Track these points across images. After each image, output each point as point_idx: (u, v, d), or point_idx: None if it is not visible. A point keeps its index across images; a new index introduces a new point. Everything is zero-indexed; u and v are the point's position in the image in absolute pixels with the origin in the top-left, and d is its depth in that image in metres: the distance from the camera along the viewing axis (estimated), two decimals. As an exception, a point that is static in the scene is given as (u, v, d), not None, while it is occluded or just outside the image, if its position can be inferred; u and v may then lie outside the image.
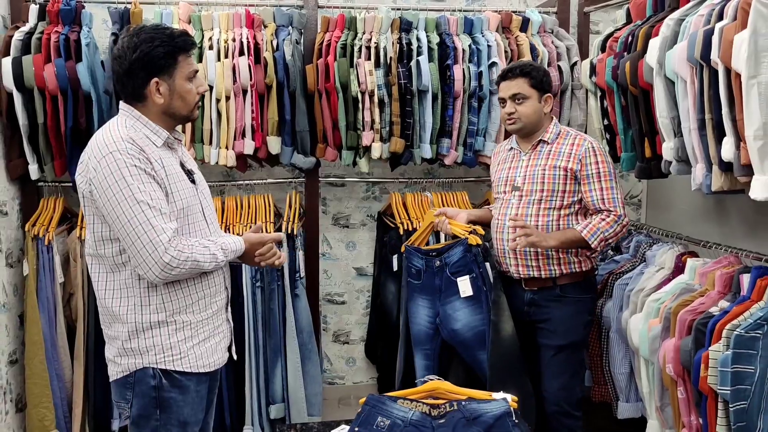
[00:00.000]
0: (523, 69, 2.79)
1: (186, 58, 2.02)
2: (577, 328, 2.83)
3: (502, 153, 3.01)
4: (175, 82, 2.01)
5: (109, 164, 1.89)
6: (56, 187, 3.41)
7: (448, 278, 2.86)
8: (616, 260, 3.14)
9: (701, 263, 2.69)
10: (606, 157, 2.78)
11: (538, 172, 2.78)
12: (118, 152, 1.89)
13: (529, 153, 2.85)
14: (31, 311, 3.20)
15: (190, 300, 2.06)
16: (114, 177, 1.88)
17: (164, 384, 2.00)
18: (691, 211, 3.52)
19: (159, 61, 1.97)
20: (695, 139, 2.43)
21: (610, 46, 3.02)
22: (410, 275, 3.01)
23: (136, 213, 1.87)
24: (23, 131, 3.16)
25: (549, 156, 2.79)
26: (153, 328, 2.00)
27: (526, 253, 2.78)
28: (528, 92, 2.78)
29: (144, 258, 1.89)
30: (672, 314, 2.57)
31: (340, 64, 3.32)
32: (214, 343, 2.14)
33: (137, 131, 1.98)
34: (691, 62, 2.36)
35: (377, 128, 3.40)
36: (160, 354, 2.00)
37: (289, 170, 3.77)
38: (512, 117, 2.80)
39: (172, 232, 1.91)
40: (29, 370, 3.22)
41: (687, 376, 2.48)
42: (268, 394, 3.36)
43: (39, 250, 3.21)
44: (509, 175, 2.88)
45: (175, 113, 2.05)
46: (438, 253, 2.91)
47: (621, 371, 2.99)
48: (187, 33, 2.05)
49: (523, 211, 2.79)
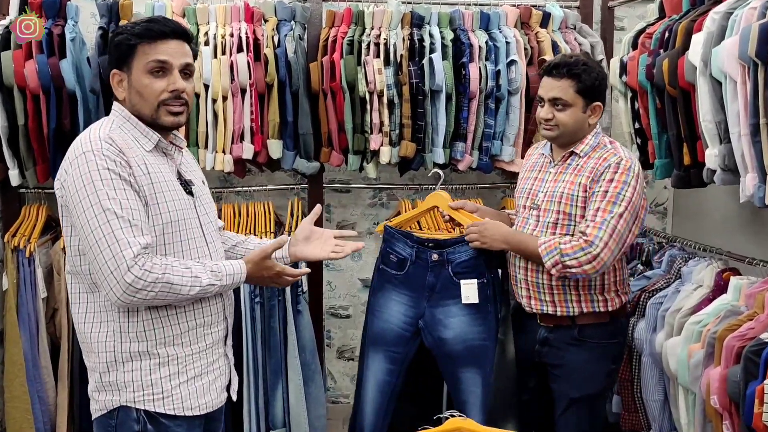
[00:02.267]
0: (572, 69, 2.32)
1: (148, 46, 1.76)
2: (595, 378, 2.46)
3: (534, 157, 2.62)
4: (132, 75, 1.78)
5: (80, 165, 1.68)
6: (39, 193, 3.19)
7: (449, 278, 2.57)
8: (648, 276, 2.91)
9: (747, 282, 2.46)
10: (628, 178, 2.31)
11: (559, 190, 2.40)
12: (92, 152, 1.68)
13: (558, 165, 2.47)
14: (10, 329, 3.01)
15: (178, 330, 1.79)
16: (83, 180, 1.66)
17: (149, 429, 1.75)
18: (725, 221, 3.28)
19: (114, 51, 1.80)
20: (746, 146, 2.20)
21: (642, 43, 2.79)
22: (387, 263, 2.69)
23: (100, 223, 1.64)
24: (2, 133, 2.95)
25: (574, 172, 2.40)
26: (133, 360, 1.75)
27: (539, 285, 2.44)
28: (572, 99, 2.34)
29: (105, 275, 1.65)
30: (717, 340, 2.33)
31: (346, 62, 3.11)
32: (207, 382, 1.86)
33: (125, 132, 1.78)
34: (743, 60, 2.14)
35: (386, 131, 3.18)
36: (139, 392, 1.75)
37: (291, 176, 3.57)
38: (549, 124, 2.39)
39: (140, 248, 1.64)
40: (9, 393, 3.03)
41: (735, 410, 2.25)
42: (268, 418, 3.15)
43: (20, 263, 3.01)
44: (533, 187, 2.52)
45: (139, 113, 1.80)
46: (438, 245, 2.59)
47: (654, 398, 2.76)
48: (159, 20, 1.81)
49: (538, 233, 2.43)
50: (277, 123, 3.14)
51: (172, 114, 1.81)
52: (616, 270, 2.44)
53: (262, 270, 1.87)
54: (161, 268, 1.68)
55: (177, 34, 1.80)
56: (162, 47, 1.77)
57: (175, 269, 1.70)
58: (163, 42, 1.77)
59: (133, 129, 1.80)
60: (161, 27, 1.77)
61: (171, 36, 1.79)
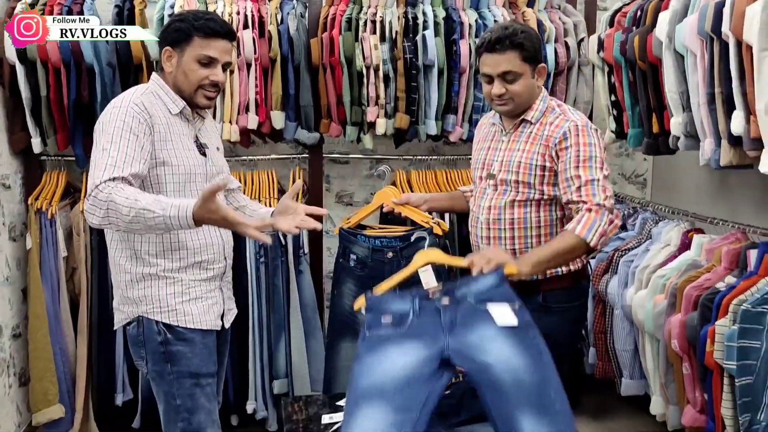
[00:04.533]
0: (513, 40, 2.23)
1: (203, 41, 2.07)
2: (561, 342, 2.28)
3: (484, 128, 2.56)
4: (183, 58, 2.09)
5: (106, 114, 2.02)
6: (59, 160, 3.39)
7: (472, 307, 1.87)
8: (622, 237, 3.13)
9: (708, 239, 2.69)
10: (592, 139, 2.25)
11: (515, 159, 2.33)
12: (118, 108, 2.01)
13: (509, 134, 2.39)
14: (34, 285, 3.20)
15: (185, 263, 2.13)
16: (102, 126, 2.00)
17: (169, 338, 2.09)
18: (698, 188, 3.51)
19: (173, 34, 2.09)
20: (704, 114, 2.42)
21: (618, 21, 3.01)
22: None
23: (96, 157, 1.94)
24: (26, 104, 3.14)
25: (528, 140, 2.33)
26: (145, 280, 2.09)
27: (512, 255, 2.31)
28: (521, 69, 2.25)
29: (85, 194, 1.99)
30: (678, 290, 2.57)
31: (344, 38, 3.29)
32: (206, 305, 2.18)
33: (156, 97, 2.10)
34: (701, 35, 2.35)
35: (382, 104, 3.37)
36: (151, 305, 2.09)
37: (293, 147, 3.74)
38: (503, 99, 2.29)
39: (108, 179, 1.87)
40: (32, 344, 3.22)
41: (692, 352, 2.49)
42: (272, 369, 3.36)
43: (42, 224, 3.20)
44: (487, 158, 2.45)
45: (179, 88, 2.12)
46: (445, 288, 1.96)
47: (625, 348, 2.99)
48: (216, 19, 2.11)
49: (496, 202, 2.37)
50: (280, 95, 3.31)
51: (207, 98, 2.14)
52: None
53: (208, 212, 1.83)
54: (112, 190, 1.86)
55: (228, 35, 2.12)
56: (214, 44, 2.08)
57: (121, 192, 1.86)
58: (215, 40, 2.08)
59: (165, 95, 2.11)
60: (218, 27, 2.08)
61: (223, 36, 2.10)
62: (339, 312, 2.71)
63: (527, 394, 1.70)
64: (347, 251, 2.70)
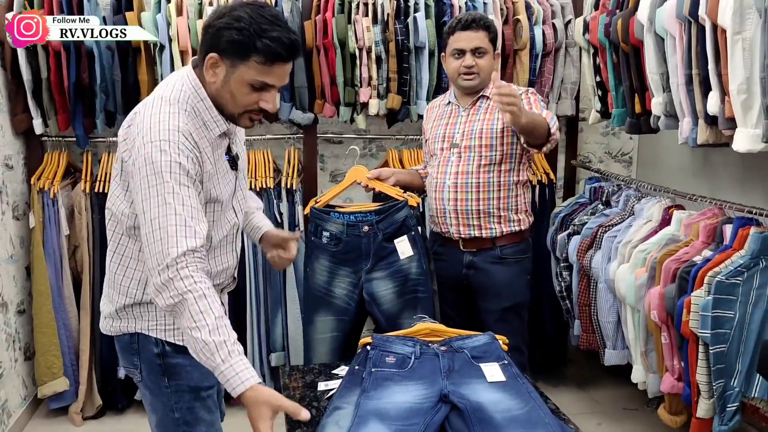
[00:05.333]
0: (485, 21, 2.66)
1: (263, 66, 1.67)
2: (520, 289, 2.81)
3: (438, 108, 2.88)
4: (233, 74, 1.70)
5: (153, 152, 1.64)
6: (60, 141, 3.47)
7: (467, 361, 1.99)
8: (606, 214, 3.23)
9: (687, 215, 2.79)
10: (539, 97, 2.73)
11: (477, 128, 2.69)
12: (167, 142, 1.65)
13: (468, 108, 2.74)
14: (37, 263, 3.30)
15: None
16: (153, 168, 1.64)
17: (167, 350, 1.84)
18: (681, 166, 3.61)
19: (225, 44, 1.67)
20: (683, 94, 2.51)
21: (603, 4, 3.09)
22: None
23: (159, 214, 1.63)
24: (27, 86, 3.22)
25: (487, 111, 2.70)
26: (149, 303, 1.83)
27: (468, 212, 2.70)
28: (488, 47, 2.66)
29: (150, 261, 1.64)
30: (657, 263, 2.68)
31: (337, 21, 3.36)
32: None
33: (196, 117, 1.73)
34: (679, 19, 2.44)
35: (374, 84, 3.45)
36: (153, 321, 1.84)
37: (288, 127, 3.83)
38: (472, 71, 2.66)
39: (186, 249, 1.62)
40: (37, 319, 3.32)
41: (670, 322, 2.60)
42: (269, 342, 3.48)
43: (44, 203, 3.29)
44: (447, 131, 2.76)
45: (222, 106, 1.76)
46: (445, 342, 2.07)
47: (608, 320, 3.09)
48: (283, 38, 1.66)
49: (463, 168, 2.69)
50: (275, 77, 3.39)
51: (251, 121, 1.80)
52: (525, 193, 2.81)
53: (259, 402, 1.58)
54: (193, 281, 1.61)
55: (293, 55, 1.72)
56: (275, 71, 1.70)
57: (200, 297, 1.61)
58: (277, 65, 1.70)
59: (205, 111, 1.75)
60: (283, 51, 1.67)
61: (287, 60, 1.71)
62: (313, 287, 2.74)
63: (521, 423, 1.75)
64: (319, 229, 2.72)
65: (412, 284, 2.66)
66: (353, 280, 2.70)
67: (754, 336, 2.39)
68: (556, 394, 3.55)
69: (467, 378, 1.90)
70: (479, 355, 1.99)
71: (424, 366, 1.95)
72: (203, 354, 1.58)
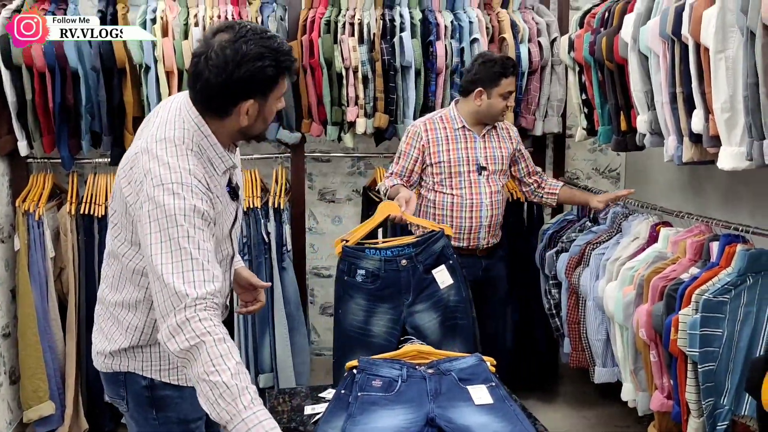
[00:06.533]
0: (515, 66, 3.06)
1: (285, 79, 1.71)
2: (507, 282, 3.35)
3: (442, 131, 3.06)
4: (267, 104, 1.71)
5: (164, 196, 1.59)
6: (45, 163, 3.45)
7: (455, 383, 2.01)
8: (594, 231, 3.23)
9: (674, 232, 2.79)
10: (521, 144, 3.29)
11: (498, 155, 3.10)
12: (180, 185, 1.60)
13: (483, 136, 3.09)
14: (23, 285, 3.27)
15: None
16: (165, 211, 1.58)
17: (156, 383, 1.80)
18: (668, 183, 3.62)
19: (263, 84, 1.66)
20: (667, 112, 2.52)
21: (587, 22, 3.10)
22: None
23: (173, 259, 1.57)
24: (12, 108, 3.21)
25: (499, 139, 3.13)
26: (143, 347, 1.79)
27: (496, 225, 3.14)
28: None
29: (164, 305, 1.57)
30: (645, 281, 2.67)
31: (324, 41, 3.37)
32: None
33: (202, 155, 1.70)
34: (663, 37, 2.44)
35: (361, 104, 3.47)
36: (147, 362, 1.80)
37: (275, 146, 3.82)
38: (507, 109, 3.07)
39: (204, 292, 1.57)
40: (22, 342, 3.29)
41: (659, 340, 2.59)
42: (257, 363, 3.46)
43: (30, 225, 3.26)
44: (468, 155, 3.06)
45: (250, 134, 1.77)
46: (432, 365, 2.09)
47: (597, 338, 3.09)
48: (290, 50, 1.71)
49: (494, 188, 3.09)
50: (262, 97, 3.39)
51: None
52: None
53: None
54: (211, 328, 1.56)
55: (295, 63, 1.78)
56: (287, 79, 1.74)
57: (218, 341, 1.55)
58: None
59: (210, 148, 1.71)
60: (294, 59, 1.72)
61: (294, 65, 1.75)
62: (348, 329, 2.66)
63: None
64: (353, 268, 2.61)
65: (451, 312, 2.61)
66: (393, 316, 2.62)
67: (742, 354, 2.38)
68: (548, 411, 3.53)
69: (454, 401, 1.91)
70: (466, 377, 1.98)
71: (411, 389, 1.94)
72: (222, 399, 1.49)
